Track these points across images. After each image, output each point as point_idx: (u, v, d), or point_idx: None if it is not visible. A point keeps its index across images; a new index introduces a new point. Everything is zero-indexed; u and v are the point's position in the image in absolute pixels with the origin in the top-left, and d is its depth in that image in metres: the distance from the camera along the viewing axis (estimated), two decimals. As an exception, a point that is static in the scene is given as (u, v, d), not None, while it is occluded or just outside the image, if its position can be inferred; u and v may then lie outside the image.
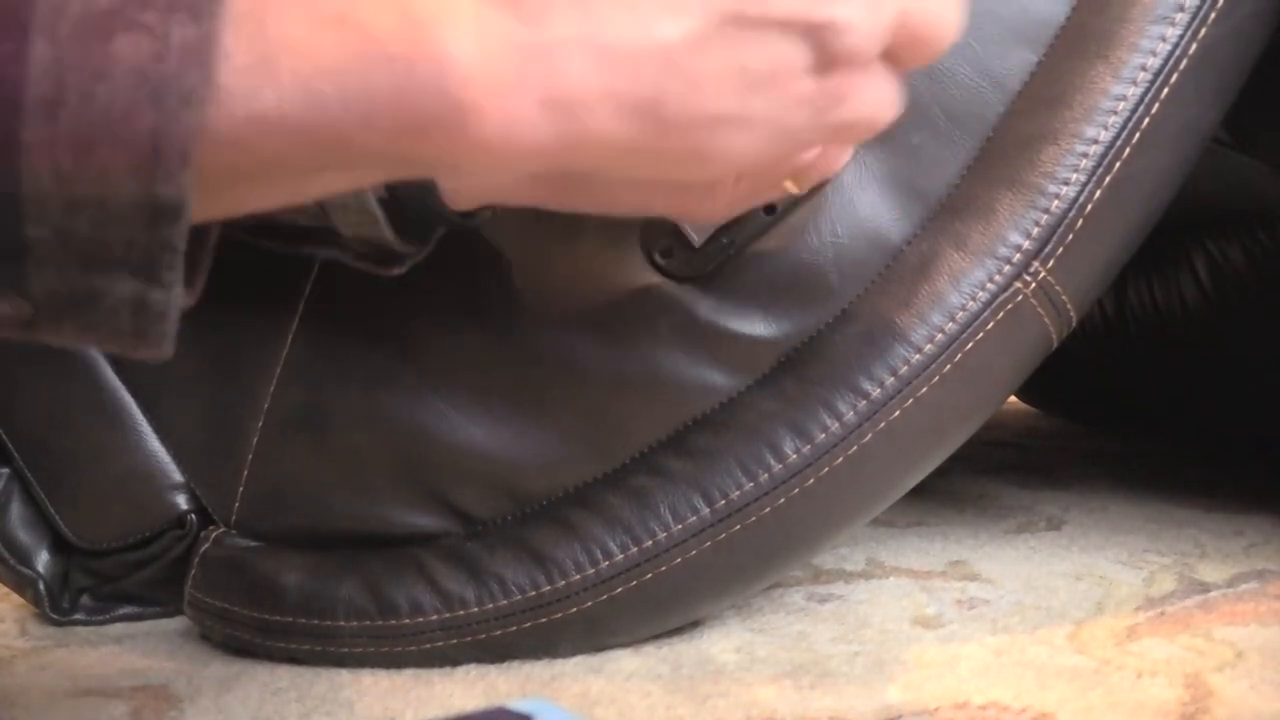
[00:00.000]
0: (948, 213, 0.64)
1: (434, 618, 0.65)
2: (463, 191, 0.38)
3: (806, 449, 0.63)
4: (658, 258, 0.63)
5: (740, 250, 0.63)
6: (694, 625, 0.69)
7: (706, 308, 0.63)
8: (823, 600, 0.74)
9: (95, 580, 0.74)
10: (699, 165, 0.37)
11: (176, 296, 0.31)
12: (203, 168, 0.29)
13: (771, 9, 0.35)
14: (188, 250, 0.31)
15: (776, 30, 0.36)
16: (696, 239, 0.63)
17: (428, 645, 0.65)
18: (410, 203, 0.51)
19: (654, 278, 0.63)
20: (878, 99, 0.39)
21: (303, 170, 0.32)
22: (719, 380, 0.64)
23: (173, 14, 0.28)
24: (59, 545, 0.74)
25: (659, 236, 0.63)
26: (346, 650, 0.66)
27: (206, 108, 0.29)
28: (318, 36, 0.30)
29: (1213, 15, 0.64)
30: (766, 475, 0.63)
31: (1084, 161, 0.63)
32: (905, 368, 0.63)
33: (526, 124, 0.33)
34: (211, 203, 0.31)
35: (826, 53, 0.37)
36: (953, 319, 0.63)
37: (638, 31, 0.33)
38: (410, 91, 0.31)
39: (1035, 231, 0.63)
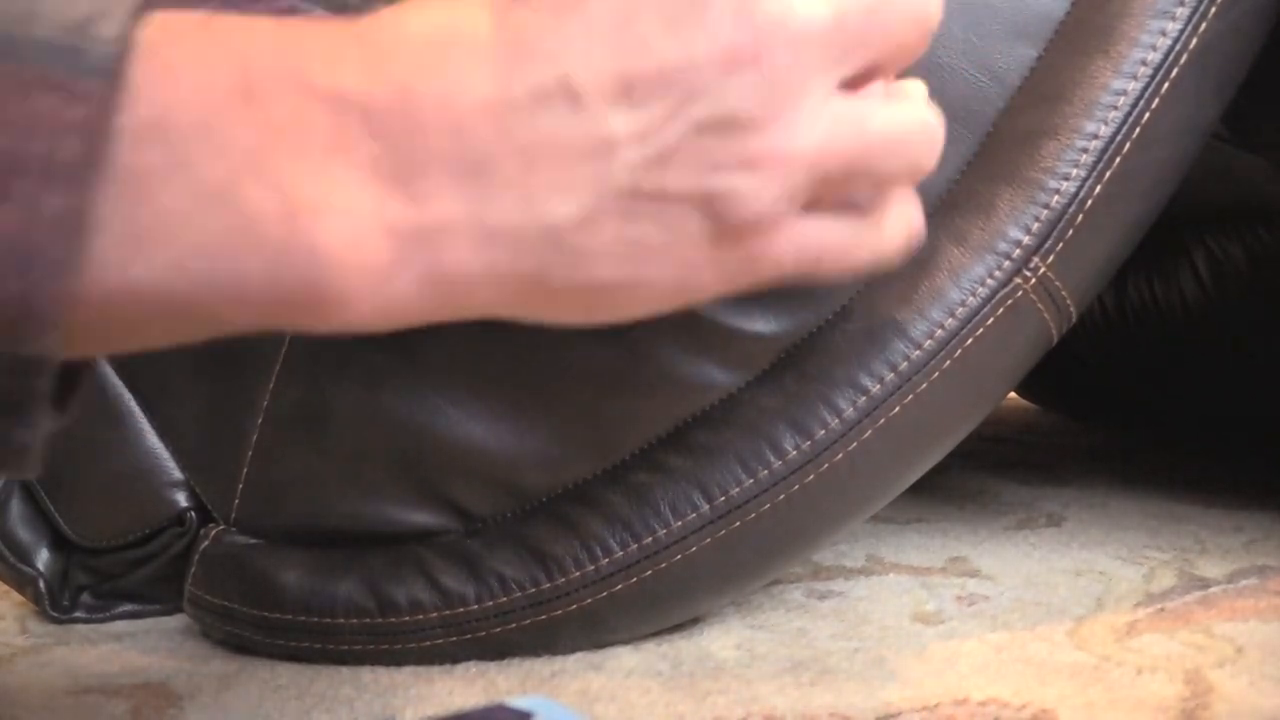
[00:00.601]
0: (947, 208, 0.64)
1: (434, 615, 0.65)
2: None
3: (806, 445, 0.63)
4: None
5: None
6: (694, 622, 0.69)
7: (706, 304, 0.63)
8: (822, 597, 0.74)
9: (95, 578, 0.74)
10: (598, 317, 0.38)
11: (42, 432, 0.31)
12: (73, 326, 0.29)
13: (667, 184, 0.35)
14: (68, 371, 0.31)
15: (673, 203, 0.35)
16: None
17: (427, 643, 0.65)
18: None
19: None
20: (798, 250, 0.38)
21: (173, 332, 0.33)
22: (718, 377, 0.64)
23: (47, 184, 0.28)
24: (59, 543, 0.74)
25: None
26: (346, 648, 0.66)
27: (75, 277, 0.29)
28: (195, 212, 0.30)
29: (1213, 10, 0.64)
30: (766, 472, 0.63)
31: (1084, 157, 0.63)
32: (905, 364, 0.63)
33: (402, 301, 0.34)
34: (85, 346, 0.31)
35: (726, 222, 0.36)
36: (952, 315, 0.63)
37: (524, 212, 0.33)
38: (282, 278, 0.31)
39: (1035, 227, 0.63)
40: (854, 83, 0.38)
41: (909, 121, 0.40)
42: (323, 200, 0.31)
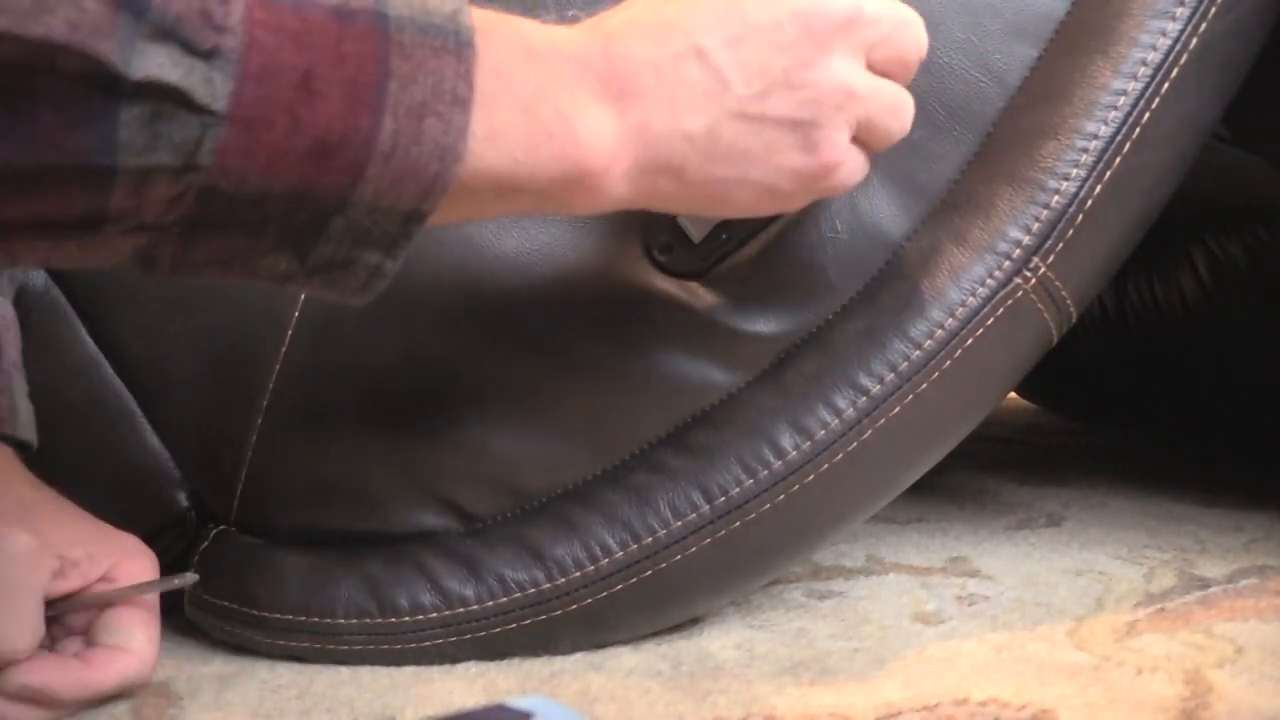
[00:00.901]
0: (948, 208, 0.64)
1: (434, 615, 0.65)
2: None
3: (806, 445, 0.63)
4: (657, 254, 0.63)
5: (739, 247, 0.63)
6: (694, 622, 0.69)
7: (706, 304, 0.63)
8: (822, 597, 0.74)
9: (95, 578, 0.74)
10: (717, 208, 0.55)
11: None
12: (448, 194, 0.47)
13: (766, 110, 0.53)
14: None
15: (770, 125, 0.53)
16: (695, 235, 0.63)
17: (428, 643, 0.65)
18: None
19: (654, 274, 0.63)
20: (850, 171, 0.56)
21: (497, 204, 0.50)
22: (719, 377, 0.64)
23: (452, 107, 0.46)
24: (59, 543, 0.74)
25: (659, 233, 0.63)
26: (346, 648, 0.66)
27: (461, 163, 0.47)
28: (514, 122, 0.48)
29: (1213, 10, 0.64)
30: (766, 472, 0.63)
31: (1084, 157, 0.63)
32: (905, 364, 0.63)
33: (624, 180, 0.52)
34: (449, 215, 0.48)
35: (810, 141, 0.54)
36: (952, 315, 0.63)
37: (672, 123, 0.52)
38: (564, 159, 0.50)
39: (1035, 227, 0.63)
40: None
41: (900, 95, 0.57)
42: (579, 112, 0.50)
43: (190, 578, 0.64)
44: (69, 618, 0.61)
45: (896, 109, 0.56)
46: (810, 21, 0.53)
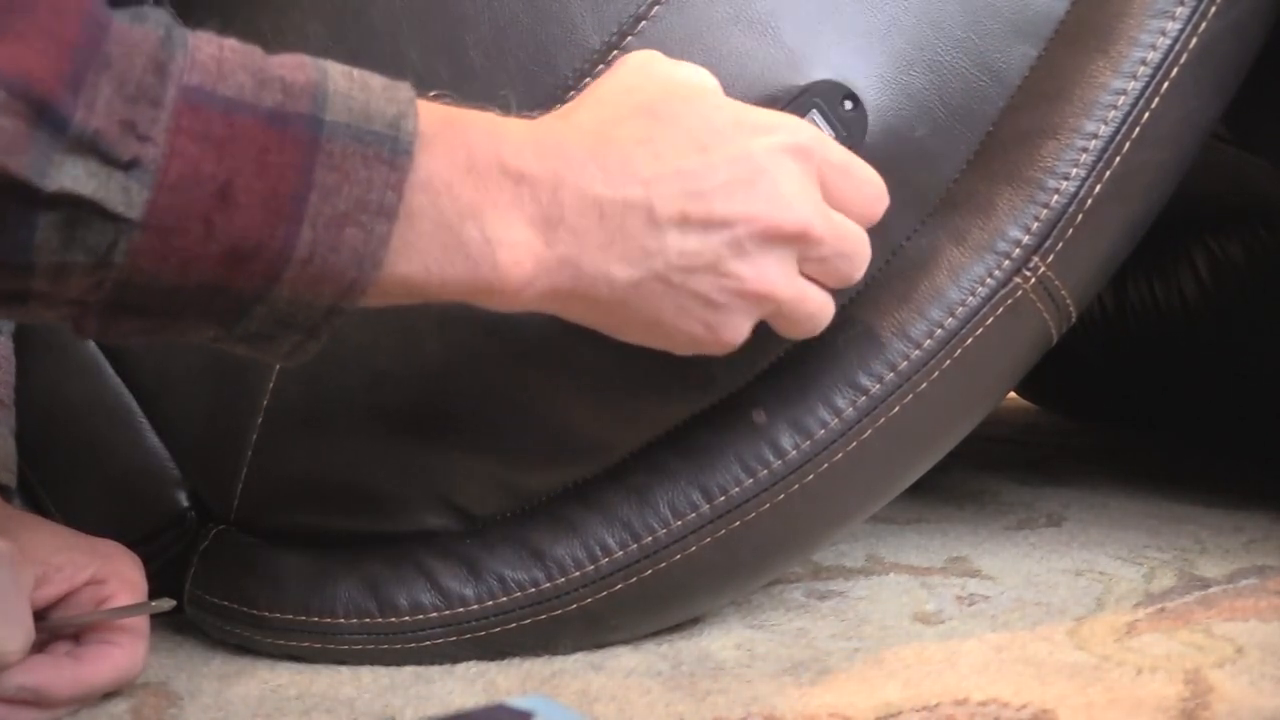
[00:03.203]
0: (947, 207, 0.64)
1: (434, 615, 0.65)
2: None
3: (806, 445, 0.63)
4: None
5: None
6: (694, 622, 0.69)
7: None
8: (822, 597, 0.74)
9: (95, 578, 0.74)
10: (617, 333, 0.56)
11: (319, 346, 0.51)
12: (368, 294, 0.49)
13: (690, 283, 0.53)
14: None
15: (688, 295, 0.54)
16: None
17: (428, 643, 0.65)
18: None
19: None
20: (741, 338, 0.57)
21: (411, 296, 0.51)
22: (719, 376, 0.64)
23: (376, 217, 0.47)
24: (58, 543, 0.74)
25: None
26: (346, 648, 0.66)
27: (380, 269, 0.48)
28: (437, 236, 0.49)
29: (1213, 10, 0.64)
30: (766, 471, 0.63)
31: (1083, 156, 0.63)
32: (904, 363, 0.63)
33: (536, 299, 0.53)
34: (366, 303, 0.49)
35: (716, 321, 0.55)
36: (952, 314, 0.63)
37: (599, 265, 0.52)
38: (478, 278, 0.51)
39: (1035, 226, 0.63)
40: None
41: (822, 305, 0.58)
42: (504, 235, 0.51)
43: (168, 603, 0.64)
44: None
45: (813, 315, 0.57)
46: (763, 227, 0.53)
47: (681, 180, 0.53)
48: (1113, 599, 0.72)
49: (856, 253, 0.57)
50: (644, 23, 0.62)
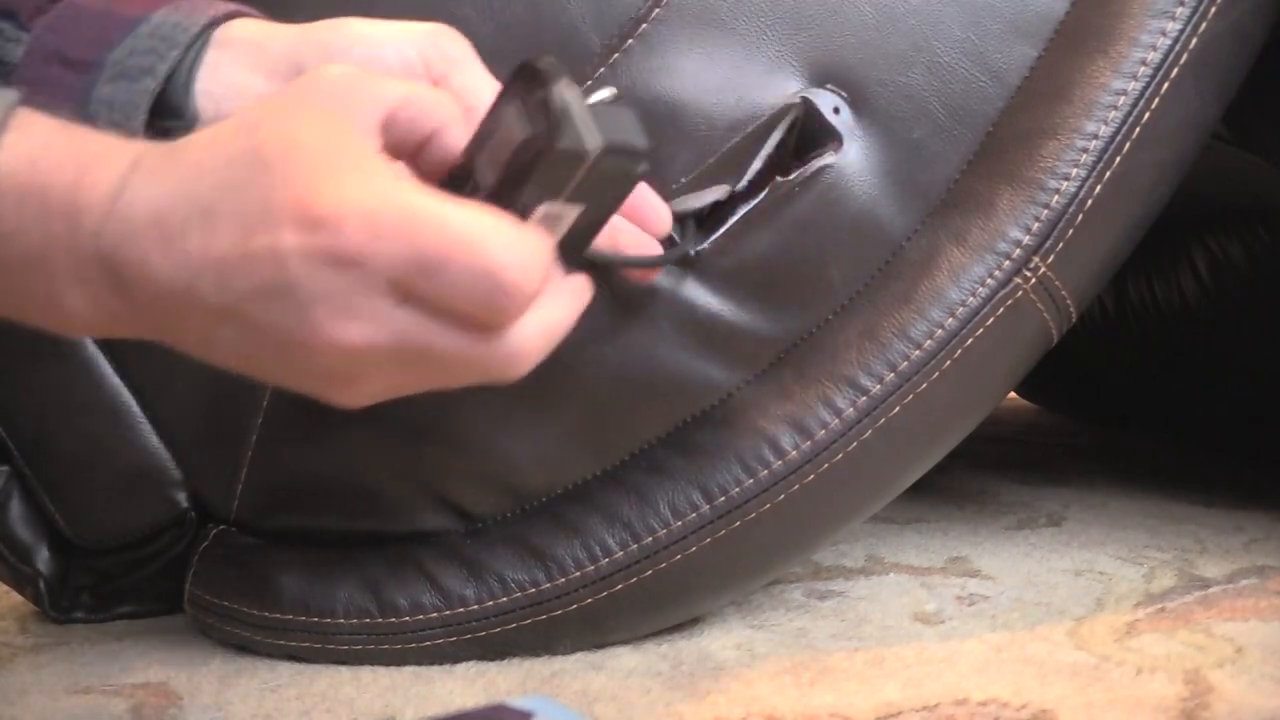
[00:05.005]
0: (948, 208, 0.64)
1: (434, 615, 0.65)
2: None
3: (806, 445, 0.63)
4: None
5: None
6: (694, 622, 0.69)
7: (706, 303, 0.63)
8: (822, 597, 0.74)
9: (95, 578, 0.74)
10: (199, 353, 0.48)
11: None
12: None
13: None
14: None
15: (227, 322, 0.45)
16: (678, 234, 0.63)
17: (428, 643, 0.65)
18: None
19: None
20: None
21: None
22: (719, 376, 0.64)
23: None
24: (59, 543, 0.74)
25: None
26: (346, 648, 0.66)
27: None
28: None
29: (1213, 10, 0.64)
30: (766, 472, 0.63)
31: (1084, 157, 0.63)
32: (905, 364, 0.63)
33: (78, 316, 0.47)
34: None
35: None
36: (952, 315, 0.63)
37: (163, 333, 0.46)
38: (47, 310, 0.46)
39: (1035, 227, 0.63)
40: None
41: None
42: (61, 294, 0.45)
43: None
44: None
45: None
46: (294, 352, 0.45)
47: (219, 272, 0.44)
48: (1113, 599, 0.72)
49: (475, 359, 0.47)
50: (644, 25, 0.62)
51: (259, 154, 0.44)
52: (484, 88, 0.54)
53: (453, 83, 0.54)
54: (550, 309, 0.48)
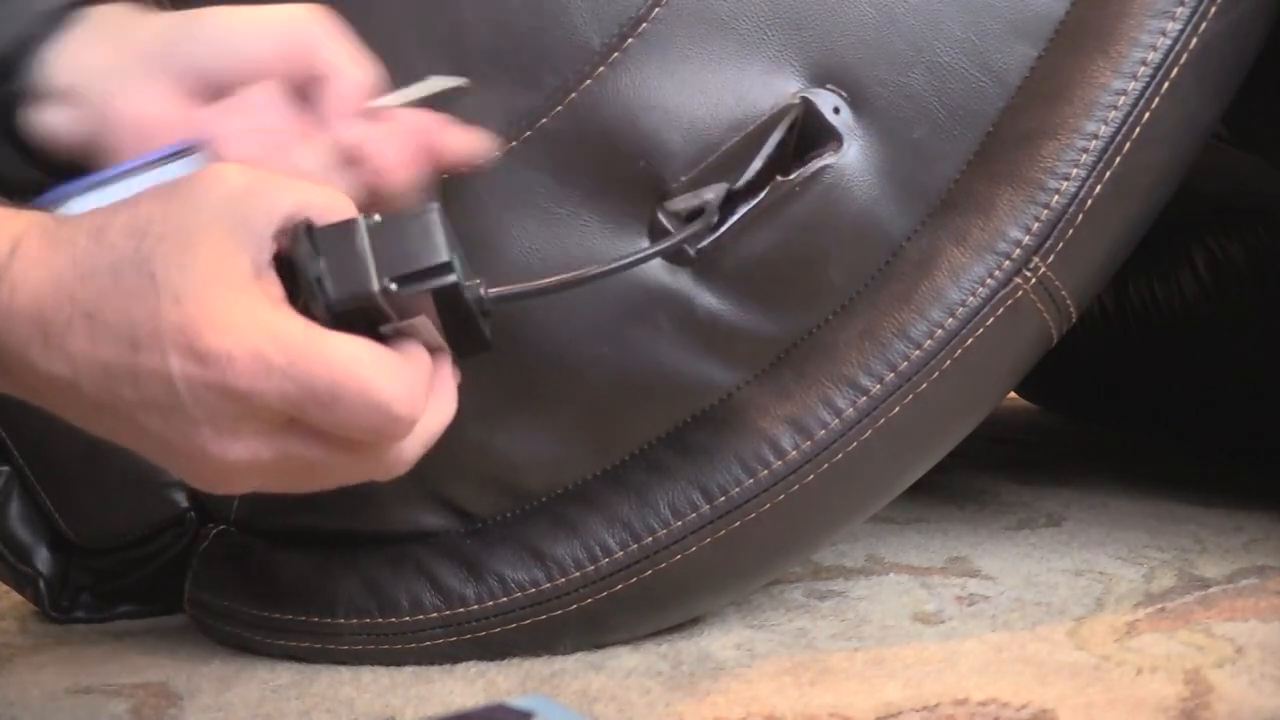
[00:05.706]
0: (948, 208, 0.64)
1: (434, 615, 0.65)
2: None
3: (806, 445, 0.63)
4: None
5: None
6: (694, 622, 0.69)
7: (706, 303, 0.63)
8: (822, 597, 0.74)
9: (95, 578, 0.74)
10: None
11: None
12: None
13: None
14: None
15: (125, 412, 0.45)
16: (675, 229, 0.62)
17: (428, 643, 0.65)
18: None
19: (655, 274, 0.63)
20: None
21: None
22: (718, 376, 0.64)
23: None
24: (59, 543, 0.74)
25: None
26: (346, 648, 0.66)
27: None
28: None
29: (1213, 10, 0.64)
30: (766, 472, 0.63)
31: (1084, 157, 0.63)
32: (905, 364, 0.63)
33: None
34: None
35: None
36: (952, 315, 0.63)
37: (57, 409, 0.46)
38: None
39: (1035, 227, 0.63)
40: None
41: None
42: None
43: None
44: None
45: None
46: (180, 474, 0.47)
47: (105, 375, 0.44)
48: (1113, 599, 0.72)
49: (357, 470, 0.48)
50: (644, 24, 0.62)
51: (147, 267, 0.44)
52: (343, 67, 0.54)
53: (315, 67, 0.54)
54: (429, 416, 0.49)
